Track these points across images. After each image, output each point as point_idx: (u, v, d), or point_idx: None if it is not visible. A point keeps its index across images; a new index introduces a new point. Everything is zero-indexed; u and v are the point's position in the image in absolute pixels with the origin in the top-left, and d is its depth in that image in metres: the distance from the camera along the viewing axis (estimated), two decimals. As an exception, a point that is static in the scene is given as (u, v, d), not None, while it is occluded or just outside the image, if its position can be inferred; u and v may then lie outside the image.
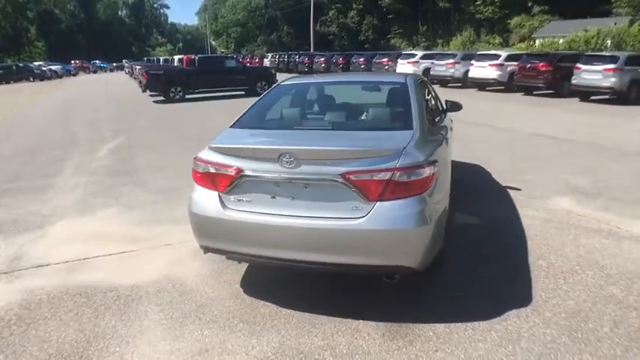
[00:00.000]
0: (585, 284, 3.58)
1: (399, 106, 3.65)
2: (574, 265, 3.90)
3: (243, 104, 4.44)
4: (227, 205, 3.09)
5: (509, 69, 19.06)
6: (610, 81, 14.57)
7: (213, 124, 12.24)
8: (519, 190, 5.92)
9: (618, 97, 14.76)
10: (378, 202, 2.83)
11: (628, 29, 33.09)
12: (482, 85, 20.29)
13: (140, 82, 20.56)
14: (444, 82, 22.42)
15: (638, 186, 6.15)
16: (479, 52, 22.48)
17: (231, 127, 3.59)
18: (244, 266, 3.90)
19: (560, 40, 38.32)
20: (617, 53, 17.39)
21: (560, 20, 59.65)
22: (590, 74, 15.13)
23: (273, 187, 2.98)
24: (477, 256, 4.07)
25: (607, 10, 55.94)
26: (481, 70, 19.80)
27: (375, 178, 2.82)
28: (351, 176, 2.82)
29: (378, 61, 27.11)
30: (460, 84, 21.56)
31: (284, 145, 2.94)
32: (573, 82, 15.70)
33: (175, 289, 3.60)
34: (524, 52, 23.34)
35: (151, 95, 19.37)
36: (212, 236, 3.20)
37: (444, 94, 6.74)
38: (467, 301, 3.34)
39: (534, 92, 18.07)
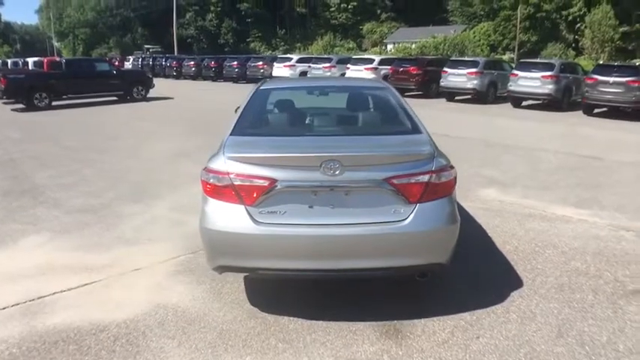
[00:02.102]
0: (552, 262, 4.11)
1: (396, 111, 3.76)
2: (534, 246, 4.44)
3: (121, 111, 4.12)
4: (258, 220, 2.88)
5: (382, 72, 20.55)
6: (473, 83, 16.65)
7: (97, 131, 11.09)
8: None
9: (479, 97, 16.89)
10: (419, 204, 2.91)
11: (469, 36, 37.93)
12: (358, 87, 21.45)
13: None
14: (320, 84, 23.19)
15: (537, 174, 7.18)
16: (354, 57, 23.80)
17: (232, 135, 3.32)
18: (241, 283, 3.66)
19: (413, 45, 42.46)
20: (477, 58, 19.94)
21: (407, 27, 65.92)
22: (455, 77, 17.10)
23: (310, 196, 2.87)
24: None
25: (445, 19, 63.49)
26: (357, 73, 20.97)
27: (417, 181, 2.89)
28: (394, 180, 2.85)
29: (253, 64, 26.99)
30: (336, 87, 22.50)
31: (328, 152, 2.84)
32: (441, 84, 17.59)
33: (180, 318, 3.22)
34: (396, 56, 25.34)
35: (5, 103, 16.65)
36: (239, 254, 2.94)
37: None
38: (468, 291, 3.59)
39: (405, 94, 19.74)
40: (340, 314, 3.21)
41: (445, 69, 17.65)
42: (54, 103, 15.34)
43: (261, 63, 26.57)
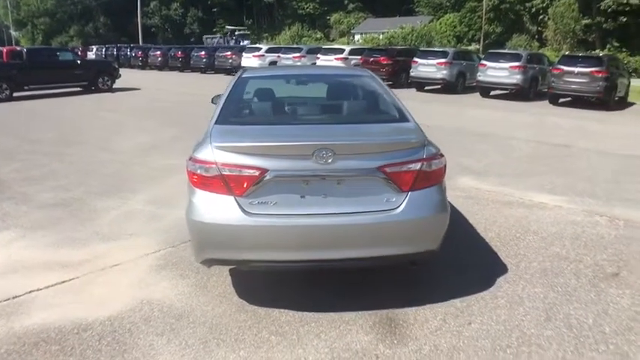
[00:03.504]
0: (533, 247, 4.20)
1: (382, 99, 3.72)
2: (514, 232, 4.53)
3: (87, 102, 3.98)
4: (248, 210, 2.80)
5: (353, 62, 20.54)
6: (442, 73, 16.85)
7: (63, 123, 10.65)
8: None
9: (448, 87, 17.12)
10: (410, 192, 2.90)
11: (435, 27, 38.32)
12: (329, 77, 21.39)
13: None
14: (291, 74, 23.00)
15: (511, 162, 7.33)
16: (324, 47, 23.67)
17: (217, 123, 3.21)
18: (227, 276, 3.58)
19: (381, 36, 42.60)
20: (446, 49, 20.18)
21: (374, 18, 66.13)
22: (425, 67, 17.26)
23: (301, 185, 2.81)
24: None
25: (412, 9, 63.99)
26: (327, 63, 20.89)
27: (408, 169, 2.88)
28: (387, 169, 2.83)
29: (221, 54, 26.47)
30: (307, 77, 22.37)
31: (320, 141, 2.78)
32: (412, 74, 17.73)
33: (166, 314, 3.12)
34: (366, 46, 25.35)
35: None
36: (229, 247, 2.86)
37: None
38: (456, 278, 3.62)
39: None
40: (331, 305, 3.18)
41: (415, 59, 17.80)
42: (15, 95, 14.61)
43: (229, 53, 26.11)
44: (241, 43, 37.21)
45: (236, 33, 48.26)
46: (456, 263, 3.85)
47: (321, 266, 2.99)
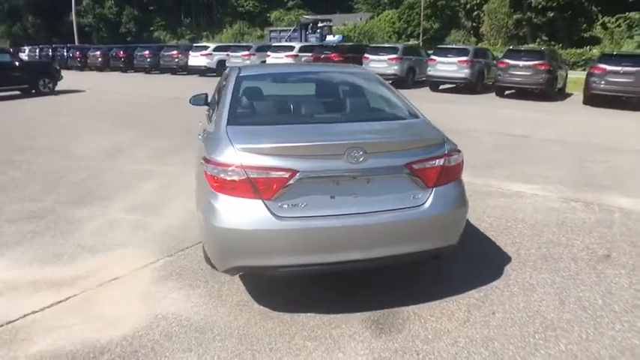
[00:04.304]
0: (526, 235, 4.38)
1: (388, 95, 3.72)
2: (505, 222, 4.70)
3: (30, 106, 3.76)
4: (278, 214, 2.70)
5: (304, 59, 20.49)
6: (394, 69, 17.20)
7: (10, 129, 9.86)
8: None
9: (399, 82, 17.48)
10: (435, 188, 2.92)
11: (377, 23, 39.06)
12: (280, 74, 21.22)
13: None
14: (241, 73, 22.61)
15: (480, 154, 7.60)
16: (274, 44, 23.43)
17: (229, 124, 3.07)
18: (239, 284, 3.46)
19: (325, 33, 42.84)
20: (396, 45, 20.57)
21: (314, 15, 66.30)
22: (377, 63, 17.54)
23: (331, 186, 2.75)
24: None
25: (350, 6, 64.83)
26: (278, 60, 20.72)
27: (432, 165, 2.90)
28: (414, 165, 2.84)
29: (166, 54, 25.55)
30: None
31: (352, 140, 2.73)
32: (364, 70, 17.91)
33: (187, 328, 2.95)
34: (317, 44, 25.35)
35: None
36: (258, 253, 2.75)
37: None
38: (466, 269, 3.71)
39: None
40: (353, 306, 3.14)
41: (366, 55, 18.06)
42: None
43: (175, 52, 25.23)
44: (328, 38, 30.06)
45: (320, 25, 34.63)
46: (460, 254, 3.92)
47: (349, 267, 2.95)
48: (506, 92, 15.64)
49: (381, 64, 17.43)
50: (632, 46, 31.72)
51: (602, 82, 12.92)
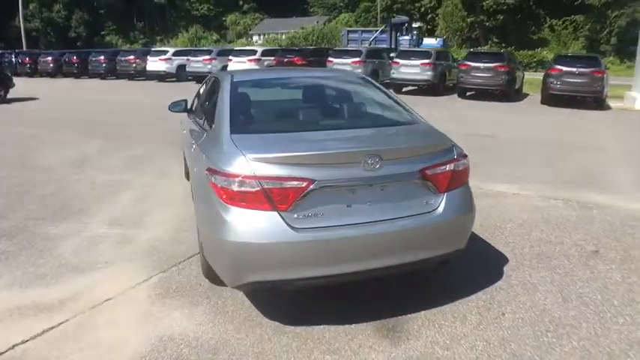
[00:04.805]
0: (517, 234, 4.48)
1: (388, 100, 3.70)
2: (494, 222, 4.79)
3: None
4: (295, 226, 2.62)
5: (266, 63, 20.34)
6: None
7: None
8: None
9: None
10: (446, 193, 2.93)
11: (335, 26, 39.39)
12: (242, 78, 20.96)
13: None
14: (202, 78, 22.15)
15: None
16: (235, 48, 23.12)
17: (233, 133, 2.95)
18: (243, 298, 3.33)
19: (283, 37, 42.78)
20: (360, 48, 20.76)
21: (270, 18, 66.11)
22: (340, 66, 17.61)
23: (348, 194, 2.70)
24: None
25: (306, 10, 64.97)
26: (240, 65, 20.38)
27: (443, 170, 2.91)
28: (427, 171, 2.83)
29: (123, 59, 24.69)
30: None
31: (370, 147, 2.69)
32: (329, 73, 17.96)
33: (198, 349, 2.80)
34: (280, 47, 25.20)
35: None
36: (274, 267, 2.65)
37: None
38: (467, 271, 3.73)
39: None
40: (364, 314, 3.09)
41: (330, 58, 18.16)
42: None
43: (132, 57, 24.41)
44: (426, 42, 28.30)
45: (415, 26, 31.64)
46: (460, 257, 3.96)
47: (367, 277, 2.91)
48: (468, 93, 16.08)
49: (344, 67, 17.45)
50: (577, 47, 33.49)
51: (559, 83, 13.52)
